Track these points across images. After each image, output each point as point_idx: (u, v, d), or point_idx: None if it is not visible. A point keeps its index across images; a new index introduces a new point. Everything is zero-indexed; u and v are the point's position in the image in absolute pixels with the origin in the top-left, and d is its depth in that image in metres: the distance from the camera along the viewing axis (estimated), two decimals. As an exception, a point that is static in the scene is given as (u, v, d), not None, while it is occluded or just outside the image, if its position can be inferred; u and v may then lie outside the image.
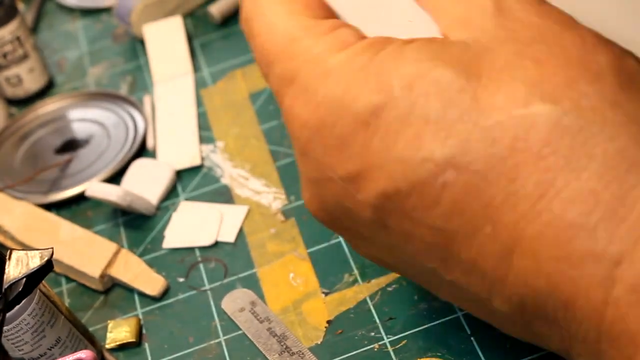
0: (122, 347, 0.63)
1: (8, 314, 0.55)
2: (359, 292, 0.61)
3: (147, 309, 0.65)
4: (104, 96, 0.82)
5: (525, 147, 0.41)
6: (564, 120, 0.41)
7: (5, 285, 0.53)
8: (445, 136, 0.43)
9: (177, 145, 0.75)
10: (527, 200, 0.41)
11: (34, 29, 0.93)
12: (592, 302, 0.40)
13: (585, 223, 0.40)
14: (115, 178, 0.74)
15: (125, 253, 0.67)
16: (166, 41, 0.83)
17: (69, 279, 0.68)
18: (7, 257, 0.54)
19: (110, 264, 0.66)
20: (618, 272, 0.39)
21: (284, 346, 0.59)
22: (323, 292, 0.62)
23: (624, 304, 0.39)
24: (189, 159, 0.73)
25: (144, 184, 0.72)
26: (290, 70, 0.48)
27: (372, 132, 0.45)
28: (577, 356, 0.43)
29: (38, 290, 0.56)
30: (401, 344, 0.57)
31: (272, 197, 0.69)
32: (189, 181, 0.73)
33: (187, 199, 0.71)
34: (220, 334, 0.61)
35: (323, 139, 0.47)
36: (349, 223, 0.49)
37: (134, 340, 0.62)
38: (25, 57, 0.83)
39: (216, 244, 0.67)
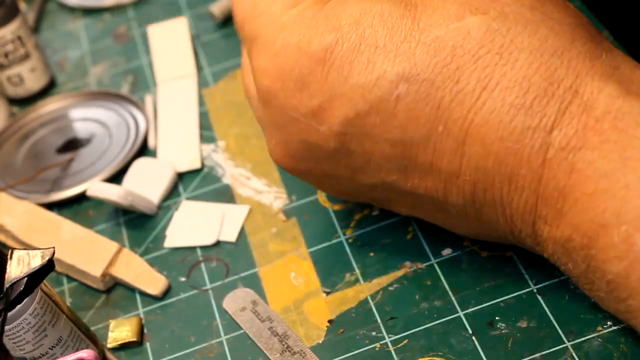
0: (124, 347, 0.63)
1: (9, 314, 0.55)
2: (360, 291, 0.61)
3: (149, 308, 0.65)
4: (106, 95, 0.82)
5: (464, 51, 0.49)
6: (492, 25, 0.49)
7: (6, 285, 0.53)
8: (394, 56, 0.50)
9: (178, 147, 0.75)
10: (472, 95, 0.49)
11: (36, 29, 0.93)
12: (532, 167, 0.48)
13: (523, 103, 0.48)
14: (116, 177, 0.74)
15: (126, 252, 0.67)
16: (170, 42, 0.83)
17: (70, 279, 0.68)
18: (9, 256, 0.54)
19: (111, 263, 0.66)
20: (551, 138, 0.48)
21: (285, 345, 0.59)
22: (324, 292, 0.62)
23: (555, 162, 0.47)
24: (189, 162, 0.73)
25: (146, 183, 0.72)
26: (254, 30, 0.56)
27: (329, 67, 0.52)
28: (518, 233, 0.52)
29: (39, 290, 0.56)
30: (402, 344, 0.57)
31: (274, 197, 0.69)
32: (191, 181, 0.73)
33: (188, 199, 0.71)
34: (222, 333, 0.61)
35: (284, 83, 0.54)
36: (313, 163, 0.56)
37: (135, 339, 0.62)
38: (26, 56, 0.83)
39: (217, 243, 0.67)
